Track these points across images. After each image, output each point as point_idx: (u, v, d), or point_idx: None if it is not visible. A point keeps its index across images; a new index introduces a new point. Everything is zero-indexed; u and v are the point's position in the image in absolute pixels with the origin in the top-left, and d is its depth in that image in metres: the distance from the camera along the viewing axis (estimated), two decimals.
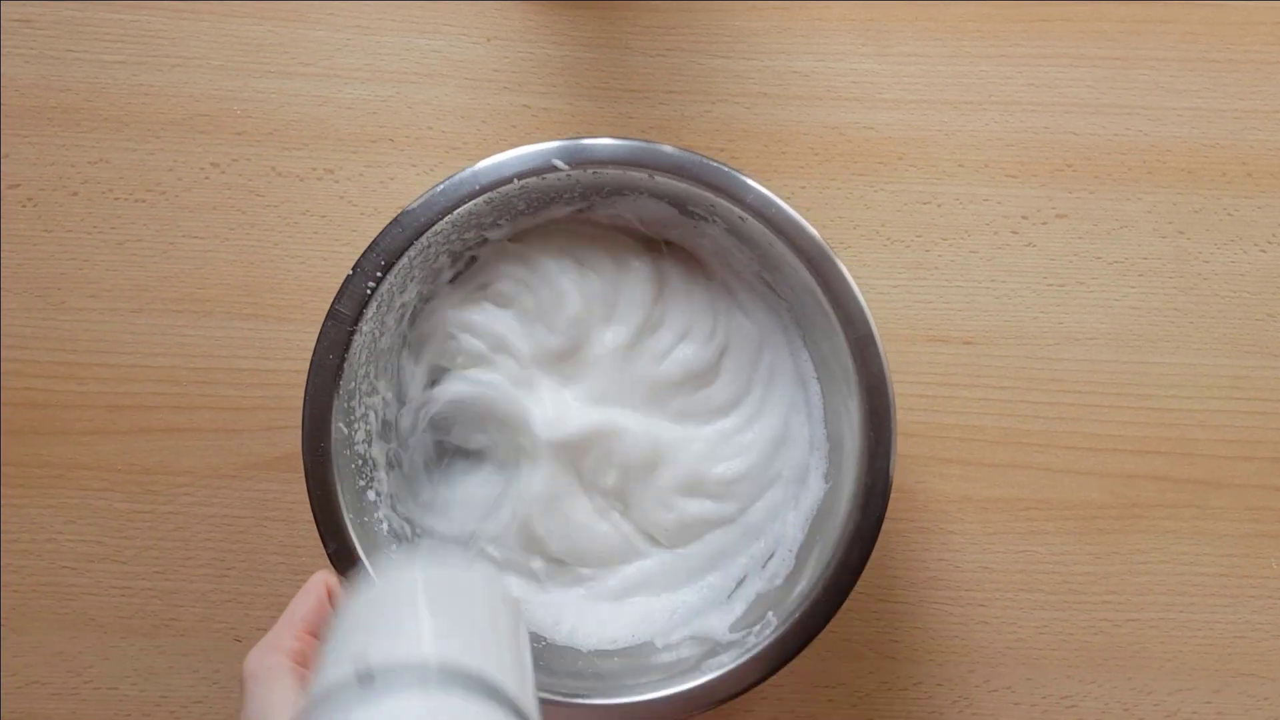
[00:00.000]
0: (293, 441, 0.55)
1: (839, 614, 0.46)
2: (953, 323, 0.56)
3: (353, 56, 0.56)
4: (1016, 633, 0.55)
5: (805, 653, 0.45)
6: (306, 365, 0.55)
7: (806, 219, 0.46)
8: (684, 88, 0.56)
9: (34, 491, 0.55)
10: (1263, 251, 0.56)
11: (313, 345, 0.55)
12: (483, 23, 0.56)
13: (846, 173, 0.56)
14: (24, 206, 0.56)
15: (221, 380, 0.55)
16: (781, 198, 0.46)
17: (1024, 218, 0.56)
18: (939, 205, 0.56)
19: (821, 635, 0.45)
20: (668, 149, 0.46)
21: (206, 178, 0.56)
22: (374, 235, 0.55)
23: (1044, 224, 0.56)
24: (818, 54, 0.56)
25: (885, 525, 0.53)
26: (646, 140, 0.47)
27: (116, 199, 0.56)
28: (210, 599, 0.55)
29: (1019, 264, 0.56)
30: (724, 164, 0.46)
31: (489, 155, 0.55)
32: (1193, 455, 0.55)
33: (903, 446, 0.55)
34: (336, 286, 0.55)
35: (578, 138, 0.47)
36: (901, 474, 0.55)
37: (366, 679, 0.32)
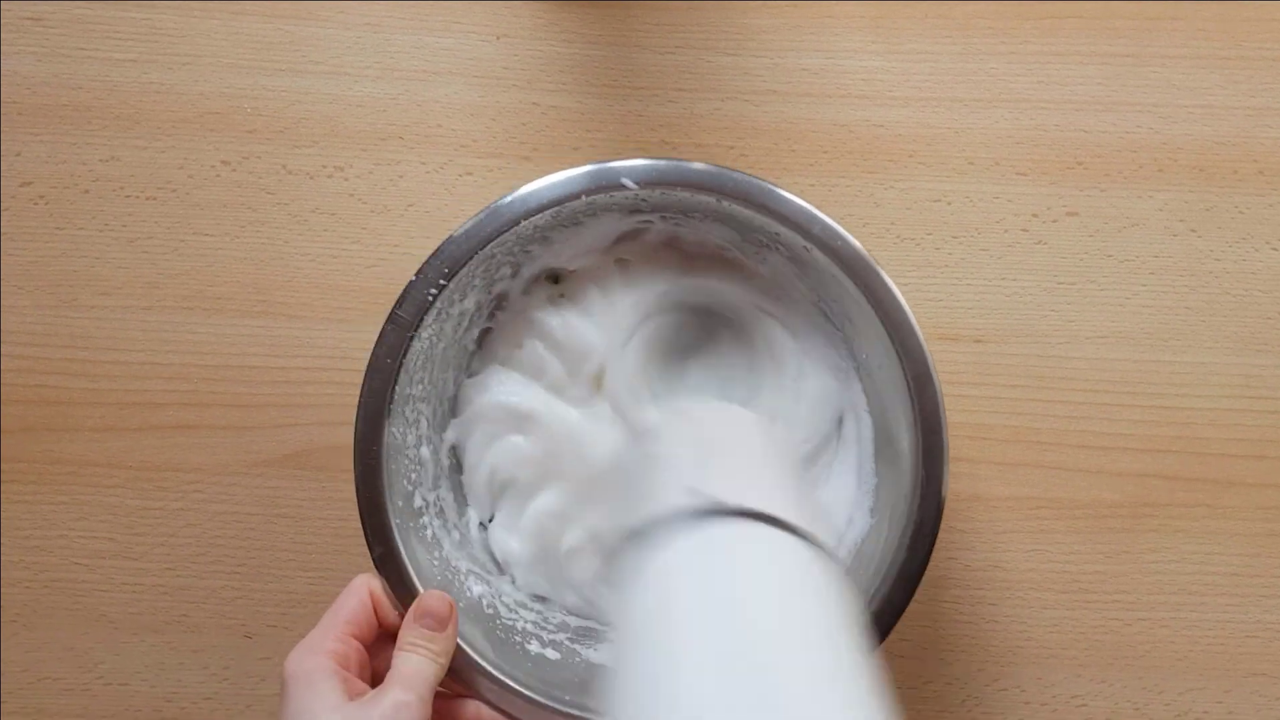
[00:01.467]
0: (303, 438, 0.55)
1: None
2: (963, 321, 0.56)
3: (362, 54, 0.56)
4: (1026, 631, 0.55)
5: None
6: (317, 363, 0.55)
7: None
8: (693, 85, 0.56)
9: (45, 488, 0.55)
10: (1274, 249, 0.56)
11: (323, 342, 0.55)
12: (492, 21, 0.56)
13: (856, 171, 0.56)
14: (36, 204, 0.56)
15: (232, 377, 0.55)
16: (829, 217, 0.46)
17: (1034, 216, 0.56)
18: (949, 203, 0.56)
19: None
20: (736, 174, 0.46)
21: (217, 175, 0.56)
22: (384, 232, 0.56)
23: (1054, 222, 0.56)
24: (827, 51, 0.56)
25: None
26: (718, 165, 0.47)
27: (127, 197, 0.56)
28: (220, 595, 0.55)
29: (1029, 262, 0.56)
30: (792, 194, 0.46)
31: (497, 153, 0.56)
32: (1204, 454, 0.55)
33: None
34: (346, 284, 0.55)
35: (651, 157, 0.47)
36: None
37: (702, 510, 0.32)
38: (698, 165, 0.46)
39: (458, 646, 0.45)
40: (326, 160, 0.56)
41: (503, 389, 0.51)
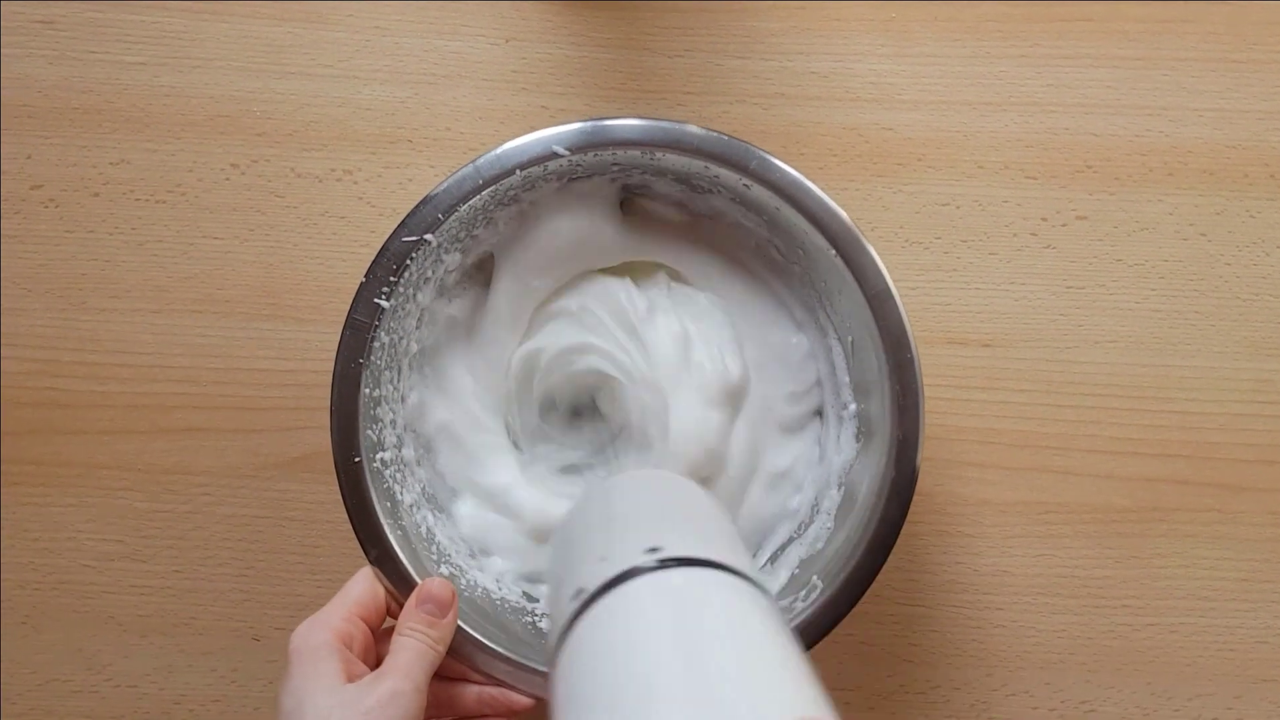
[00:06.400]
0: (311, 442, 0.55)
1: (857, 617, 0.45)
2: (971, 325, 0.56)
3: (372, 58, 0.56)
4: (1035, 637, 0.55)
5: (822, 655, 0.45)
6: (325, 366, 0.55)
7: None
8: (702, 88, 0.56)
9: (54, 490, 0.55)
10: None
11: (331, 346, 0.55)
12: (501, 24, 0.56)
13: (865, 174, 0.56)
14: (46, 207, 0.56)
15: (240, 380, 0.55)
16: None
17: (1044, 219, 0.56)
18: (958, 207, 0.56)
19: (839, 638, 0.45)
20: (664, 123, 0.46)
21: (226, 179, 0.56)
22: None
23: (1064, 226, 0.56)
24: (836, 55, 0.56)
25: (904, 528, 0.53)
26: (645, 118, 0.47)
27: (137, 200, 0.56)
28: (229, 598, 0.55)
29: (1038, 266, 0.56)
30: (724, 133, 0.46)
31: None
32: (1214, 459, 0.55)
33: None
34: (355, 287, 0.55)
35: (577, 120, 0.47)
36: (920, 477, 0.55)
37: (659, 562, 0.33)
38: (622, 121, 0.46)
39: (468, 632, 0.45)
40: (335, 164, 0.56)
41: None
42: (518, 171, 0.46)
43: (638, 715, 0.27)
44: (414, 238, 0.46)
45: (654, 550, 0.33)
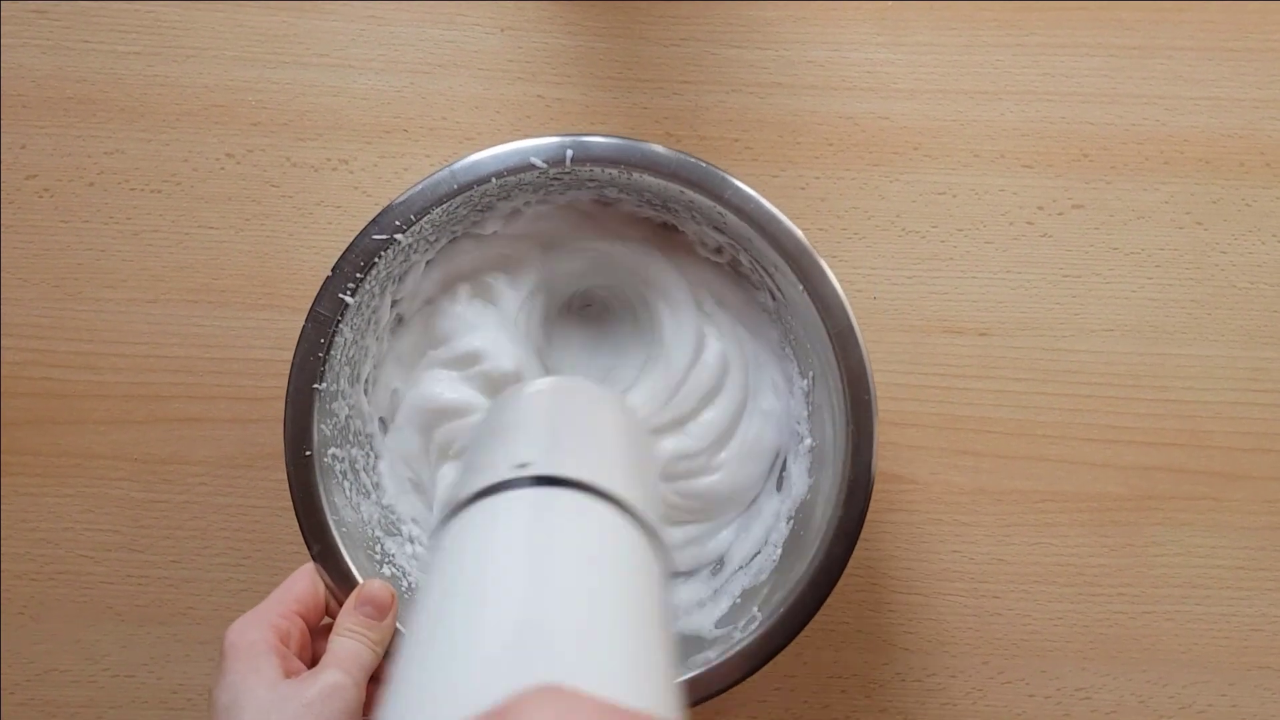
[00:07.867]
0: None
1: (853, 605, 0.46)
2: (968, 314, 0.56)
3: (367, 47, 0.56)
4: (1031, 624, 0.55)
5: (820, 644, 0.45)
6: None
7: (789, 212, 0.46)
8: (698, 78, 0.56)
9: (52, 480, 0.55)
10: None
11: None
12: (497, 13, 0.56)
13: (861, 163, 0.56)
14: (40, 197, 0.56)
15: (236, 370, 0.55)
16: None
17: (1040, 208, 0.56)
18: (954, 196, 0.56)
19: (835, 626, 0.45)
20: (643, 145, 0.46)
21: (221, 168, 0.56)
22: None
23: (1060, 215, 0.56)
24: (832, 44, 0.56)
25: (899, 517, 0.53)
26: (627, 138, 0.47)
27: (132, 189, 0.56)
28: (226, 587, 0.55)
29: (1034, 255, 0.56)
30: (702, 159, 0.46)
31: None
32: (1209, 447, 0.55)
33: (916, 438, 0.55)
34: None
35: (558, 134, 0.47)
36: (915, 465, 0.55)
37: (522, 479, 0.32)
38: (602, 139, 0.46)
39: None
40: (331, 153, 0.56)
41: (428, 387, 0.51)
42: (493, 180, 0.46)
43: (459, 626, 0.28)
44: (384, 236, 0.46)
45: (523, 466, 0.33)
